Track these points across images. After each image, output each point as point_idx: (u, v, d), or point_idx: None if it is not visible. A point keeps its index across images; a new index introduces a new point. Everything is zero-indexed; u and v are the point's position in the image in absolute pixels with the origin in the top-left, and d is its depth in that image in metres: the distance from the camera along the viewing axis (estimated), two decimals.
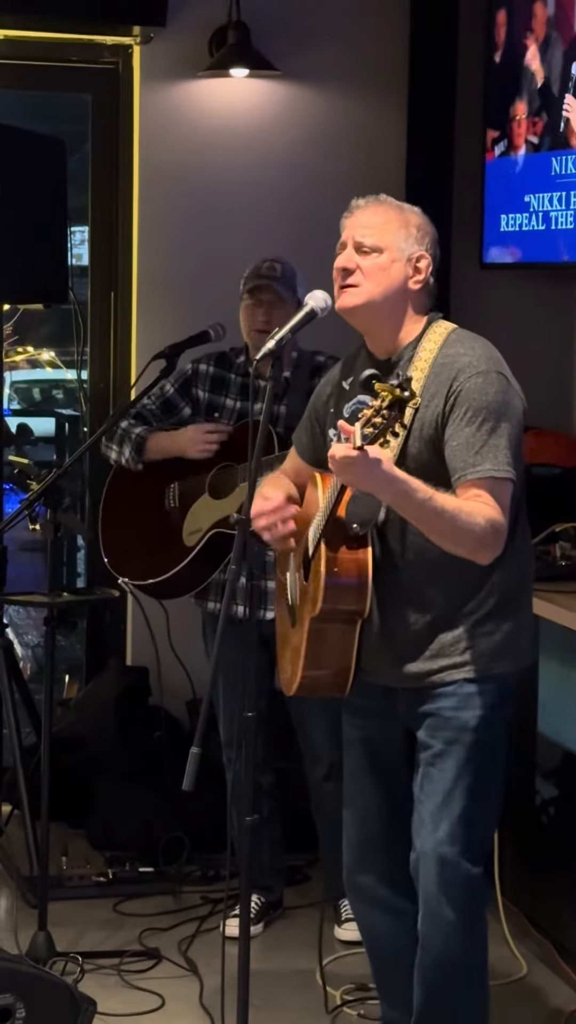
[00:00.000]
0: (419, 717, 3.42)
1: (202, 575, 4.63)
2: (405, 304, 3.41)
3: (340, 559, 3.31)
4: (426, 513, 3.15)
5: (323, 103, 5.69)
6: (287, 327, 3.36)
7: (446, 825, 3.36)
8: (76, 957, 4.26)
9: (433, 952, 3.42)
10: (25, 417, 8.32)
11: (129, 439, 4.66)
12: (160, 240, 5.65)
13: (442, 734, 3.37)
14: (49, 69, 5.72)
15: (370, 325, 3.44)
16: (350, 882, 3.66)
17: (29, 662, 6.91)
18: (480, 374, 3.28)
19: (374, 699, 3.49)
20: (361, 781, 3.58)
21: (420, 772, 3.42)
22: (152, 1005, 4.19)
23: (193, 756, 3.11)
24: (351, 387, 3.50)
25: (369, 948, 3.72)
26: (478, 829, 3.40)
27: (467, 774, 3.36)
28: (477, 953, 3.47)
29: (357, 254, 3.39)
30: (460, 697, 3.36)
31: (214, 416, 4.67)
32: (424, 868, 3.39)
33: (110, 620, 5.84)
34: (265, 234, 5.56)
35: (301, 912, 4.82)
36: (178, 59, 5.57)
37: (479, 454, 3.22)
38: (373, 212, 3.43)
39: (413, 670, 3.39)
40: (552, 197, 5.00)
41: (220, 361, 4.71)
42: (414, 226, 3.43)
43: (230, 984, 3.35)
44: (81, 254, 5.99)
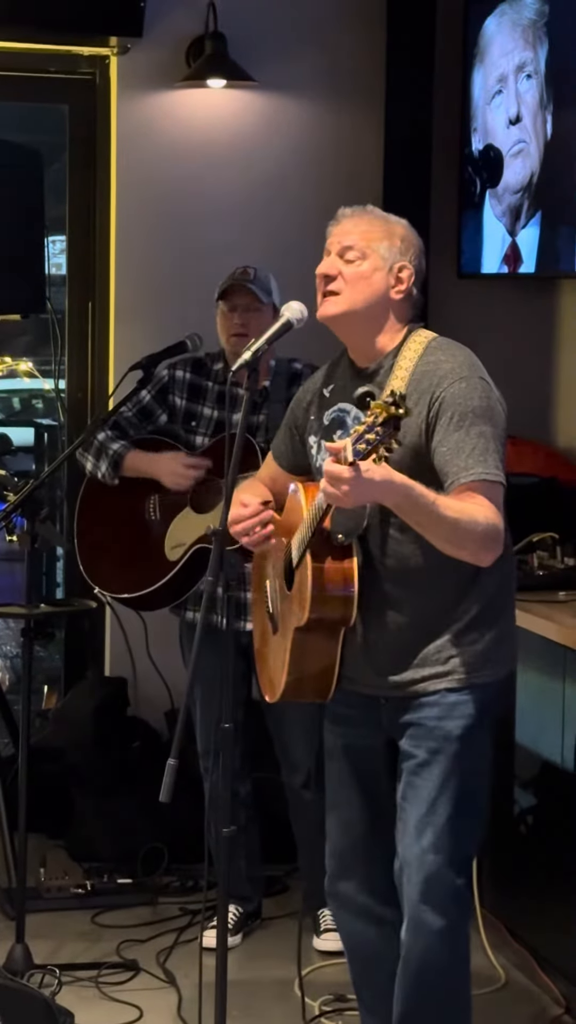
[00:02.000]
0: (401, 726, 3.42)
1: (183, 588, 4.63)
2: (386, 313, 3.42)
3: (326, 569, 3.31)
4: (429, 517, 3.16)
5: (300, 114, 5.70)
6: (263, 339, 3.36)
7: (430, 834, 3.36)
8: (54, 969, 4.25)
9: (415, 961, 3.42)
10: (4, 427, 8.30)
11: (106, 454, 4.65)
12: (138, 250, 5.65)
13: (425, 743, 3.38)
14: (26, 80, 5.71)
15: (350, 333, 3.44)
16: (332, 890, 3.66)
17: (7, 673, 6.89)
18: (463, 379, 3.30)
19: (356, 708, 3.49)
20: (343, 790, 3.58)
21: (403, 781, 3.42)
22: (130, 1017, 4.18)
23: (170, 768, 3.11)
24: (332, 394, 3.50)
25: (350, 956, 3.71)
26: (462, 839, 3.40)
27: (451, 783, 3.36)
28: (458, 962, 3.46)
29: (340, 261, 3.40)
30: (443, 707, 3.37)
31: (191, 425, 4.66)
32: (408, 877, 3.39)
33: (88, 631, 5.83)
34: (243, 244, 5.56)
35: (279, 922, 4.82)
36: (155, 70, 5.58)
37: (470, 457, 3.23)
38: (357, 221, 3.44)
39: (396, 679, 3.39)
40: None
41: (197, 367, 4.70)
42: (398, 237, 3.44)
43: (208, 995, 3.34)
44: (59, 264, 5.98)
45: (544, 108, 4.99)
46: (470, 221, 5.53)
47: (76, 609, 5.27)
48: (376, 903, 3.59)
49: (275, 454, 3.69)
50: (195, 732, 4.67)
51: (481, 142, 5.44)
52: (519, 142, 5.18)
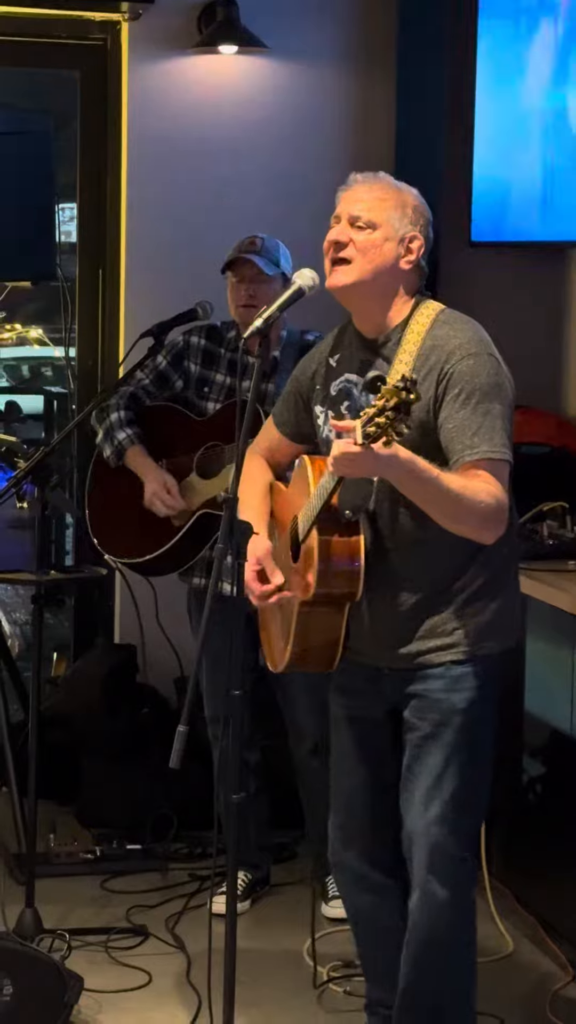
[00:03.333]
0: (406, 697, 3.42)
1: (189, 553, 4.63)
2: (396, 284, 3.40)
3: (333, 544, 3.30)
4: (432, 492, 3.15)
5: (312, 80, 5.68)
6: (274, 306, 3.35)
7: (436, 806, 3.37)
8: (63, 934, 4.27)
9: (421, 930, 3.43)
10: (14, 395, 8.29)
11: (112, 441, 4.66)
12: (148, 217, 5.63)
13: (431, 716, 3.38)
14: (37, 46, 5.69)
15: (359, 303, 3.42)
16: (336, 861, 3.67)
17: (17, 640, 6.90)
18: (471, 356, 3.28)
19: (360, 679, 3.50)
20: (348, 761, 3.59)
21: (409, 753, 3.42)
22: (139, 982, 4.20)
23: (180, 734, 3.11)
24: (338, 364, 3.49)
25: (355, 927, 3.73)
26: (468, 810, 3.41)
27: (457, 755, 3.37)
28: (464, 932, 3.48)
29: (351, 228, 3.37)
30: (448, 679, 3.37)
31: (204, 391, 4.65)
32: (415, 848, 3.40)
33: (98, 598, 5.84)
34: (254, 211, 5.55)
35: (288, 889, 4.84)
36: (167, 36, 5.55)
37: (476, 435, 3.22)
38: (370, 188, 3.41)
39: (401, 651, 3.39)
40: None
41: (211, 334, 4.70)
42: (410, 207, 3.41)
43: (217, 961, 3.36)
44: (70, 231, 5.97)
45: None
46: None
47: (86, 576, 5.26)
48: (379, 874, 3.60)
49: (277, 422, 3.68)
50: (202, 699, 4.69)
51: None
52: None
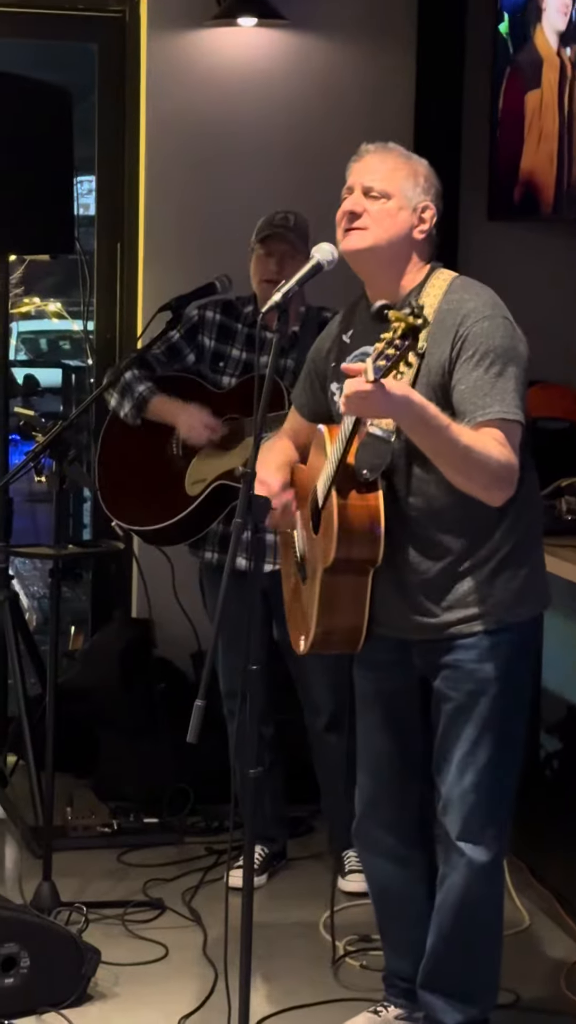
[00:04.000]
0: (437, 668, 3.43)
1: (201, 525, 4.63)
2: (409, 252, 3.41)
3: (352, 506, 3.29)
4: (442, 441, 3.15)
5: (331, 52, 5.65)
6: (293, 280, 3.33)
7: (471, 774, 3.40)
8: (80, 907, 4.28)
9: (453, 894, 3.47)
10: (32, 368, 8.30)
11: (131, 395, 4.64)
12: (167, 190, 5.62)
13: (464, 686, 3.40)
14: (55, 18, 5.68)
15: (373, 270, 3.42)
16: (360, 832, 3.70)
17: (35, 613, 6.92)
18: (486, 318, 3.29)
19: (388, 652, 3.51)
20: (375, 734, 3.61)
21: (443, 723, 3.44)
22: (156, 955, 4.22)
23: (197, 709, 3.11)
24: (352, 339, 3.49)
25: (377, 897, 3.76)
26: (503, 776, 3.45)
27: (492, 724, 3.40)
28: (495, 897, 3.54)
29: (365, 199, 3.38)
30: (481, 649, 3.38)
31: (219, 365, 4.65)
32: (450, 814, 3.44)
33: (115, 572, 5.84)
34: (272, 184, 5.54)
35: (304, 863, 4.85)
36: (185, 8, 5.53)
37: (488, 396, 3.22)
38: (382, 158, 3.41)
39: (431, 622, 3.40)
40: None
41: (227, 309, 4.68)
42: (422, 176, 3.42)
43: (233, 934, 3.36)
44: (88, 204, 5.96)
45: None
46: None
47: (103, 550, 5.27)
48: (404, 845, 3.63)
49: (297, 405, 3.69)
50: (218, 674, 4.69)
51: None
52: None
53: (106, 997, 3.96)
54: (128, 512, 4.75)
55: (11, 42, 5.93)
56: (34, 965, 3.77)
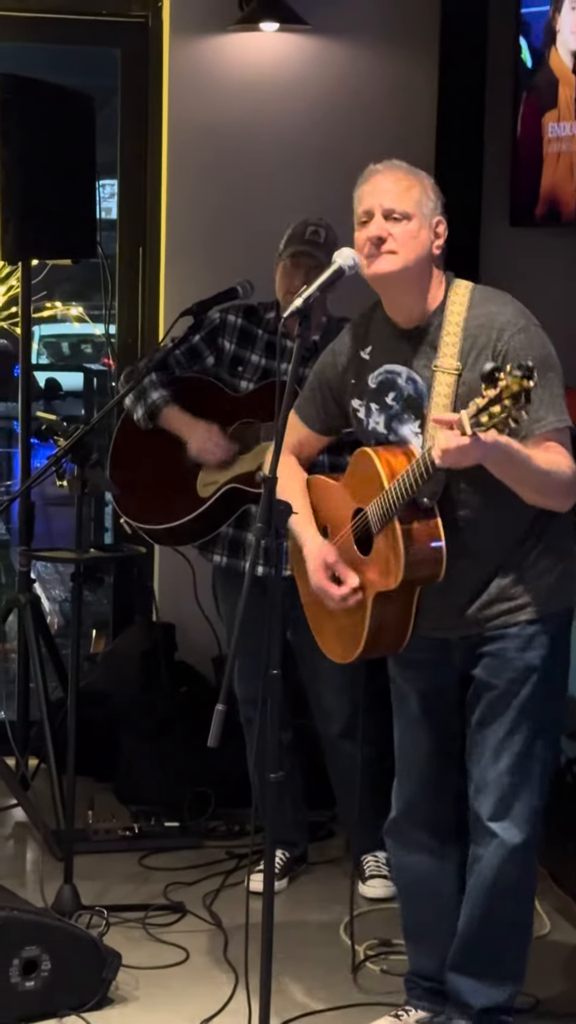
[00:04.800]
0: (478, 657, 3.49)
1: (211, 527, 4.63)
2: (431, 269, 3.43)
3: (417, 533, 3.36)
4: (524, 472, 3.24)
5: (354, 57, 5.66)
6: (314, 285, 3.34)
7: (507, 758, 3.46)
8: (101, 910, 4.29)
9: (485, 875, 3.52)
10: (53, 372, 8.32)
11: (144, 401, 4.64)
12: (189, 195, 5.63)
13: (505, 674, 3.46)
14: (78, 23, 5.69)
15: (401, 292, 3.43)
16: (394, 829, 3.75)
17: (56, 617, 6.94)
18: (522, 330, 3.33)
19: (429, 651, 3.56)
20: (415, 732, 3.65)
21: (480, 710, 3.50)
22: (177, 958, 4.22)
23: (219, 713, 3.12)
24: (372, 356, 3.50)
25: (406, 894, 3.80)
26: (539, 762, 3.51)
27: (530, 710, 3.46)
28: (528, 880, 3.59)
29: (387, 222, 3.37)
30: (523, 638, 3.45)
31: (237, 370, 4.64)
32: (484, 797, 3.49)
33: (137, 576, 5.85)
34: (294, 189, 5.54)
35: (323, 867, 4.85)
36: (208, 13, 5.54)
37: (541, 408, 3.27)
38: (394, 178, 3.41)
39: (473, 618, 3.46)
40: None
41: (249, 314, 4.68)
42: (431, 190, 3.43)
43: (254, 938, 3.37)
44: (110, 208, 5.97)
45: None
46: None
47: (125, 554, 5.28)
48: (438, 841, 3.69)
49: (304, 418, 3.70)
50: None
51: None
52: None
53: (127, 1000, 3.97)
54: (139, 510, 4.75)
55: (35, 47, 5.95)
56: (55, 968, 3.77)
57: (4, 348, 7.43)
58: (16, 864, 4.87)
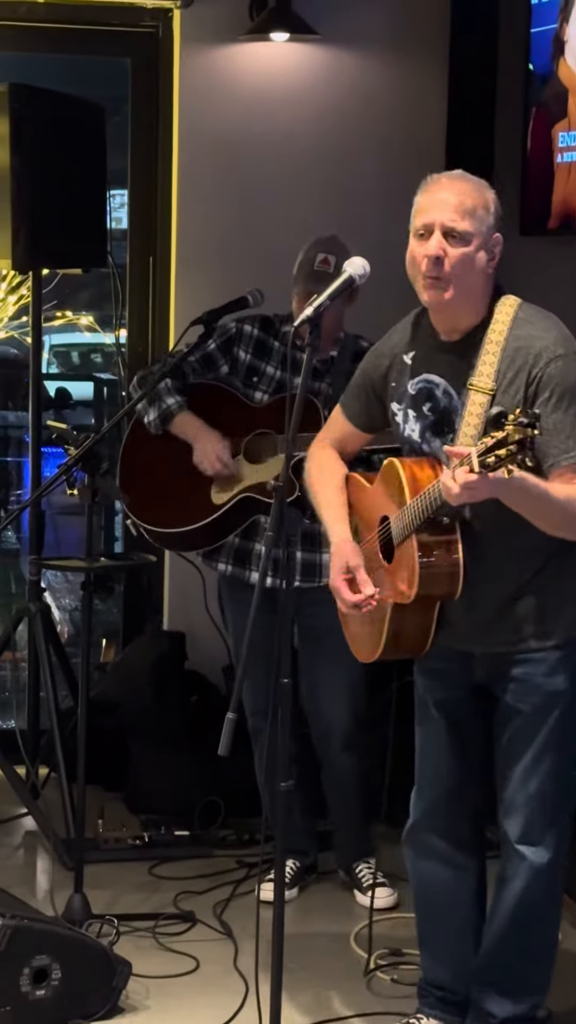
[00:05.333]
0: (502, 680, 3.49)
1: (221, 534, 4.63)
2: (485, 287, 3.39)
3: (433, 549, 3.36)
4: (540, 507, 3.21)
5: (364, 67, 5.66)
6: (325, 294, 3.34)
7: (535, 781, 3.47)
8: (112, 919, 4.29)
9: (512, 895, 3.53)
10: (63, 381, 8.32)
11: (158, 406, 4.64)
12: (199, 205, 5.63)
13: (532, 699, 3.46)
14: (89, 33, 5.70)
15: (453, 313, 3.40)
16: (412, 838, 3.75)
17: (66, 626, 6.94)
18: (560, 358, 3.28)
19: (451, 662, 3.56)
20: (436, 741, 3.66)
21: (507, 734, 3.51)
22: (187, 967, 4.22)
23: (229, 722, 3.13)
24: (415, 362, 3.49)
25: (423, 902, 3.80)
26: (567, 784, 3.51)
27: (558, 735, 3.46)
28: (553, 898, 3.60)
29: (446, 241, 3.31)
30: (550, 663, 3.44)
31: (252, 380, 4.64)
32: (512, 819, 3.50)
33: (147, 585, 5.85)
34: (304, 199, 5.55)
35: (334, 877, 4.84)
36: (218, 23, 5.55)
37: (571, 439, 3.25)
38: (461, 193, 3.33)
39: (498, 637, 3.45)
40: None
41: (265, 325, 4.67)
42: (492, 203, 3.38)
43: (265, 947, 3.37)
44: (120, 218, 5.98)
45: None
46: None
47: (136, 563, 5.29)
48: (458, 851, 3.70)
49: (348, 414, 3.70)
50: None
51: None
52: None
53: (137, 1010, 3.97)
54: (149, 514, 4.74)
55: (45, 57, 5.96)
56: (65, 977, 3.77)
57: (14, 357, 7.44)
58: (26, 873, 4.87)
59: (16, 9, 5.55)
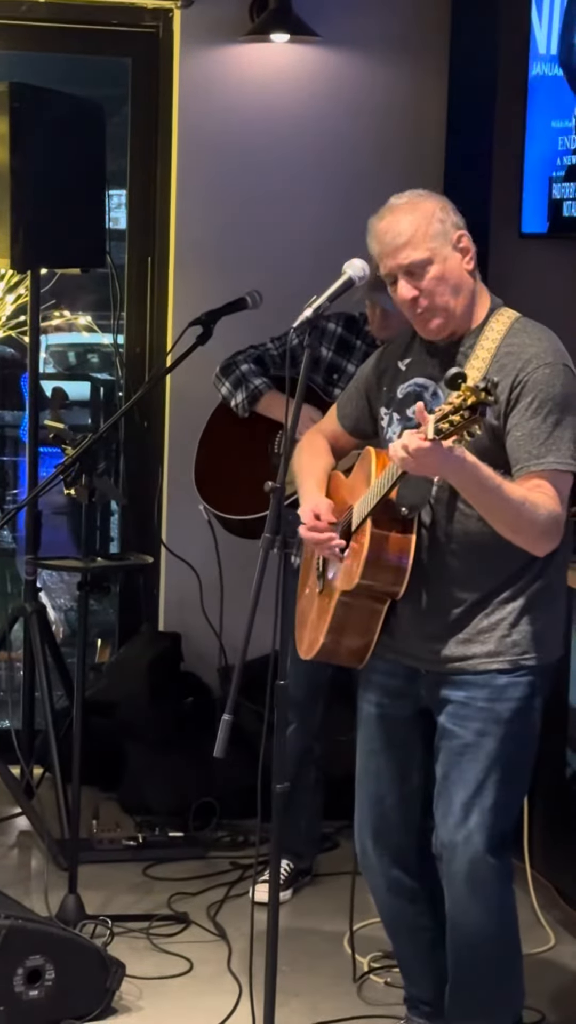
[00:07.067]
0: (443, 701, 3.41)
1: None
2: (471, 285, 3.38)
3: (385, 539, 3.31)
4: (493, 501, 3.16)
5: (364, 69, 5.66)
6: (324, 296, 3.34)
7: (476, 816, 3.36)
8: (106, 920, 4.29)
9: (464, 935, 3.45)
10: (59, 381, 8.31)
11: (246, 387, 4.67)
12: (198, 205, 5.63)
13: (472, 725, 3.36)
14: (89, 32, 5.70)
15: (450, 330, 3.39)
16: (365, 863, 3.67)
17: (61, 626, 6.93)
18: (547, 365, 3.26)
19: (397, 679, 3.50)
20: (375, 760, 3.58)
21: (446, 760, 3.41)
22: (181, 969, 4.21)
23: (225, 723, 3.12)
24: (407, 368, 3.48)
25: (389, 927, 3.76)
26: (507, 818, 3.41)
27: (499, 766, 3.36)
28: (508, 932, 3.49)
29: (411, 279, 3.33)
30: (494, 688, 3.35)
31: (332, 378, 4.63)
32: (452, 860, 3.40)
33: (143, 585, 5.85)
34: (303, 199, 5.55)
35: (330, 879, 4.83)
36: (219, 24, 5.55)
37: (543, 446, 3.21)
38: (398, 226, 3.33)
39: (445, 653, 3.38)
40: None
41: (349, 324, 4.66)
42: (437, 211, 3.35)
43: (258, 949, 3.36)
44: (117, 218, 5.97)
45: None
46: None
47: (132, 564, 5.28)
48: (408, 877, 3.62)
49: (340, 414, 3.69)
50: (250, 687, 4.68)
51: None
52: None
53: (130, 1011, 3.96)
54: (217, 498, 4.79)
55: (46, 57, 5.95)
56: (59, 978, 3.77)
57: (11, 357, 7.43)
58: (20, 873, 4.86)
59: (17, 8, 5.55)
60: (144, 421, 5.75)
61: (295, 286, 4.06)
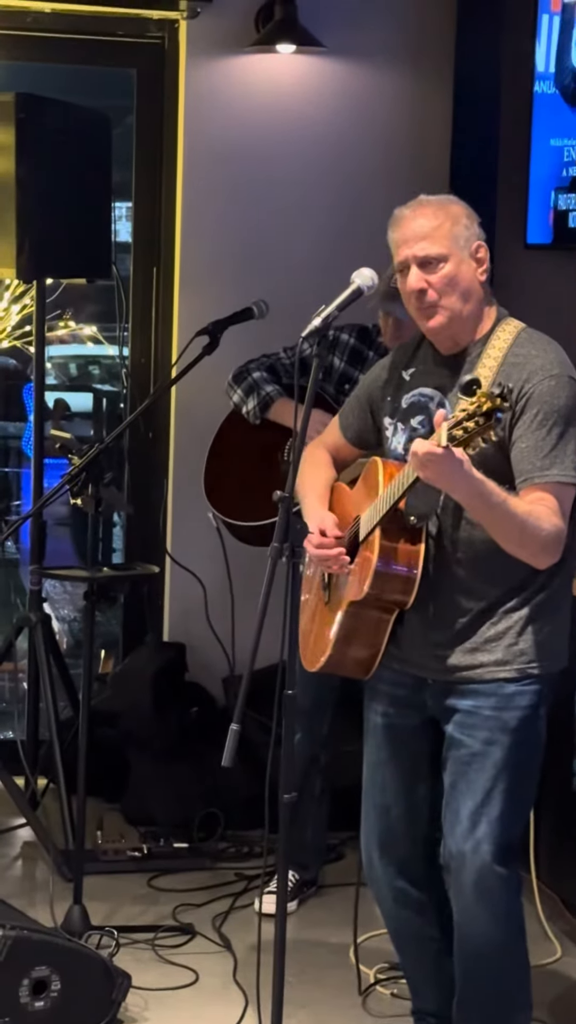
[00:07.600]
0: (450, 710, 3.40)
1: None
2: (480, 297, 3.39)
3: (394, 549, 3.31)
4: (497, 516, 3.16)
5: (369, 80, 5.67)
6: (332, 305, 3.34)
7: (484, 825, 3.35)
8: (111, 931, 4.27)
9: (471, 945, 3.43)
10: (60, 392, 8.31)
11: (257, 394, 4.70)
12: (204, 216, 5.63)
13: (480, 734, 3.36)
14: (95, 43, 5.70)
15: (452, 332, 3.39)
16: (371, 874, 3.66)
17: (65, 636, 6.92)
18: (553, 377, 3.26)
19: (404, 688, 3.49)
20: (382, 770, 3.57)
21: (454, 770, 3.40)
22: (186, 980, 4.20)
23: (232, 733, 3.11)
24: (412, 378, 3.48)
25: (395, 939, 3.74)
26: (514, 827, 3.41)
27: (506, 775, 3.35)
28: (515, 943, 3.47)
29: (423, 271, 3.33)
30: (500, 697, 3.35)
31: (344, 388, 4.64)
32: (458, 867, 3.39)
33: (148, 595, 5.84)
34: (308, 211, 5.55)
35: (335, 890, 4.82)
36: (224, 34, 5.55)
37: (547, 458, 3.21)
38: (423, 219, 3.35)
39: (451, 662, 3.37)
40: None
41: (362, 335, 4.68)
42: (463, 216, 3.37)
43: (264, 961, 3.35)
44: (122, 230, 5.97)
45: None
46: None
47: (138, 574, 5.28)
48: (415, 888, 3.60)
49: (342, 425, 3.68)
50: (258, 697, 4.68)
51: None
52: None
53: (136, 1022, 3.96)
54: (226, 504, 4.81)
55: (51, 67, 5.96)
56: (65, 989, 3.76)
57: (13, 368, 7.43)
58: (25, 884, 4.85)
59: (23, 19, 5.56)
60: (149, 432, 5.76)
61: (301, 297, 4.08)
